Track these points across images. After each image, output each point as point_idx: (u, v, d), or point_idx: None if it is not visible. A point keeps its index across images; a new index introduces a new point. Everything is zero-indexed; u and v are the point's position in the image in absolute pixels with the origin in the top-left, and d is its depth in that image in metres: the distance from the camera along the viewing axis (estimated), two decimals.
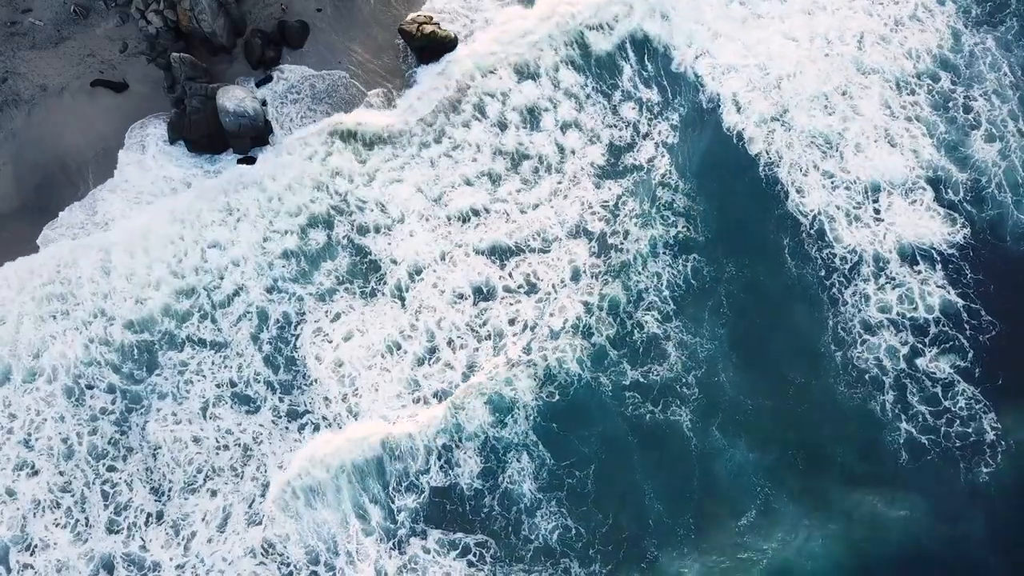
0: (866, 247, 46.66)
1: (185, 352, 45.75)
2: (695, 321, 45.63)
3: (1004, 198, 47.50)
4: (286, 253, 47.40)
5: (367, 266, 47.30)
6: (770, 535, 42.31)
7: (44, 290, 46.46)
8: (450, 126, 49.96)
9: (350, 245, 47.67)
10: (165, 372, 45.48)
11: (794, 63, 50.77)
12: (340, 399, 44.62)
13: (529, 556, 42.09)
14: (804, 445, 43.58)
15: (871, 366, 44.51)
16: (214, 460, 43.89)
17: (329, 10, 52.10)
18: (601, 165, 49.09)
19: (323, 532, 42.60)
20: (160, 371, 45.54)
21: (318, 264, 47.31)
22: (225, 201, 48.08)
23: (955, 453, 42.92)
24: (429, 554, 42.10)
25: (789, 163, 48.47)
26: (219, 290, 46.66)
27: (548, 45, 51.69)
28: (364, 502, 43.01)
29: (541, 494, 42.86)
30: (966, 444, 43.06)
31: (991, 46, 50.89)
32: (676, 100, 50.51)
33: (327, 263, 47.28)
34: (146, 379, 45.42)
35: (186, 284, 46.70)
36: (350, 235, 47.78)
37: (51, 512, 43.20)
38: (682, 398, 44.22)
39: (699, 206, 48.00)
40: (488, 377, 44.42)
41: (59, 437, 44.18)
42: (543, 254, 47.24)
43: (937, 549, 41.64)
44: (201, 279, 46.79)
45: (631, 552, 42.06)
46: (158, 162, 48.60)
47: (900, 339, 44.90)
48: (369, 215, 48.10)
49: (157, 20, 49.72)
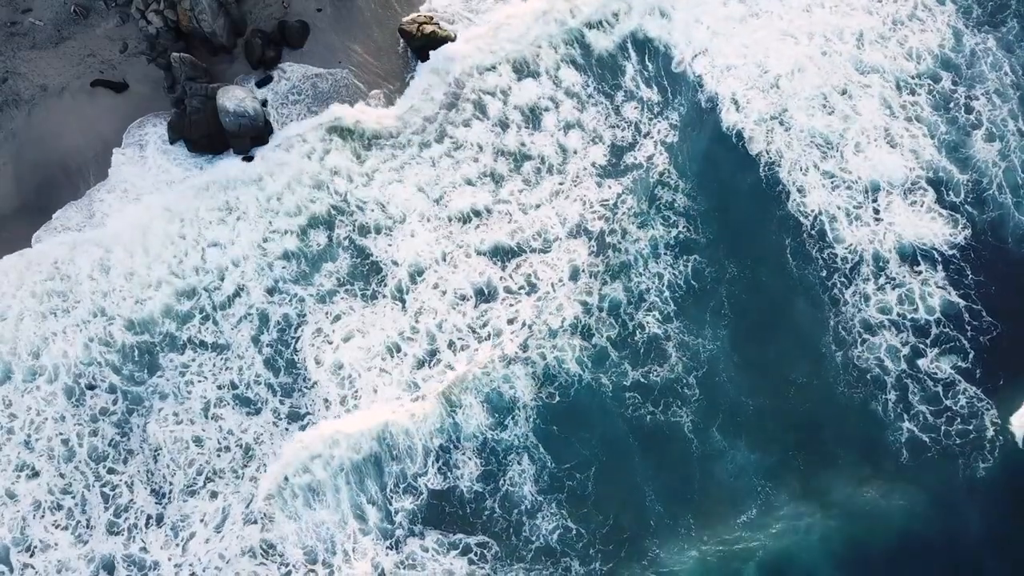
0: (866, 247, 46.54)
1: (186, 354, 45.75)
2: (696, 322, 45.63)
3: (1005, 199, 47.43)
4: (287, 254, 47.36)
5: (367, 267, 47.27)
6: (770, 533, 42.30)
7: (44, 286, 46.43)
8: (451, 125, 49.87)
9: (351, 246, 47.63)
10: (166, 373, 45.50)
11: (793, 61, 50.64)
12: (339, 402, 44.64)
13: (530, 556, 42.14)
14: (805, 445, 43.57)
15: (872, 366, 44.46)
16: (215, 462, 43.98)
17: (329, 10, 52.01)
18: (602, 165, 49.01)
19: (321, 532, 42.66)
20: (161, 372, 45.56)
21: (318, 265, 47.29)
22: (224, 200, 48.04)
23: (955, 450, 42.94)
24: (428, 552, 42.13)
25: (789, 162, 48.31)
26: (219, 291, 46.64)
27: (548, 43, 51.54)
28: (362, 502, 43.05)
29: (542, 496, 42.90)
30: (966, 441, 43.07)
31: (992, 46, 50.75)
32: (676, 99, 50.41)
33: (327, 264, 47.26)
34: (147, 380, 45.46)
35: (186, 284, 46.68)
36: (350, 236, 47.74)
37: (52, 513, 43.28)
38: (683, 399, 44.27)
39: (699, 205, 47.89)
40: (482, 371, 44.37)
41: (59, 438, 44.25)
42: (543, 254, 47.18)
43: (935, 543, 41.82)
44: (201, 279, 46.78)
45: (631, 550, 42.16)
46: (157, 162, 48.54)
47: (901, 339, 44.86)
48: (369, 215, 48.06)
49: (157, 20, 49.66)
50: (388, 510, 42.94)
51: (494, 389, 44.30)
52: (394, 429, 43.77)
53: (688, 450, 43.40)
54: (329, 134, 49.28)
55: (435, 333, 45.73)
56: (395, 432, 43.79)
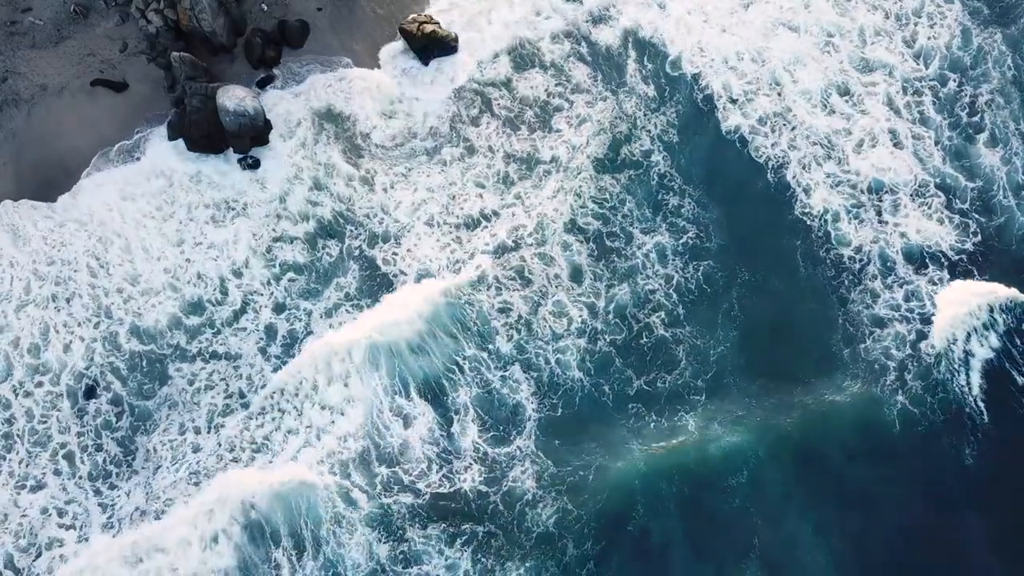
0: (872, 247, 46.63)
1: (192, 362, 44.83)
2: (703, 322, 45.66)
3: (1008, 201, 47.36)
4: (289, 265, 46.69)
5: (372, 277, 46.62)
6: (764, 516, 42.05)
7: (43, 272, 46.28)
8: (451, 126, 49.74)
9: (359, 256, 46.92)
10: (170, 382, 44.55)
11: (795, 57, 50.78)
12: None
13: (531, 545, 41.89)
14: (803, 437, 43.32)
15: (879, 359, 44.37)
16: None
17: (329, 9, 51.90)
18: (604, 163, 48.85)
19: (313, 525, 41.98)
20: (165, 381, 44.59)
21: (323, 276, 46.52)
22: (224, 201, 47.89)
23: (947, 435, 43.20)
24: (423, 541, 41.73)
25: (793, 162, 48.48)
26: (222, 299, 46.06)
27: (549, 39, 51.81)
28: (354, 495, 42.36)
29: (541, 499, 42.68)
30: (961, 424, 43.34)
31: (999, 43, 50.71)
32: (676, 97, 50.62)
33: (333, 274, 46.47)
34: (148, 389, 44.60)
35: (186, 288, 46.27)
36: (354, 244, 47.09)
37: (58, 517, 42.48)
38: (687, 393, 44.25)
39: (704, 205, 47.96)
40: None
41: (62, 448, 43.37)
42: (543, 254, 46.97)
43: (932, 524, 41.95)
44: (200, 284, 46.35)
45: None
46: (156, 161, 48.36)
47: (908, 329, 44.94)
48: (374, 221, 47.63)
49: (157, 19, 49.56)
50: (383, 504, 42.13)
51: (499, 397, 44.07)
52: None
53: (689, 444, 43.05)
54: (327, 135, 49.12)
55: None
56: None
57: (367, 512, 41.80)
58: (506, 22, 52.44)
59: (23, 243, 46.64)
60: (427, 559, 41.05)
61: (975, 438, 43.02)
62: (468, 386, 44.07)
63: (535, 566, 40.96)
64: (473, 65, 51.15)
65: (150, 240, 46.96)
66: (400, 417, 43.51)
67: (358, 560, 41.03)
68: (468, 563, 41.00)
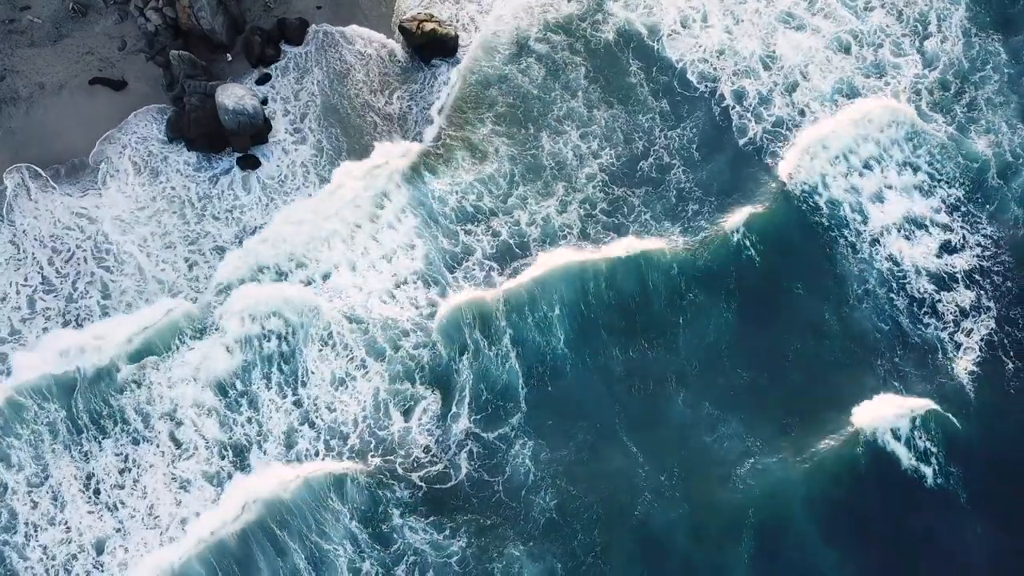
0: (874, 244, 46.88)
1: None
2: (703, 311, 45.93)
3: (1010, 205, 47.55)
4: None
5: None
6: (759, 490, 42.12)
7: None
8: (451, 125, 49.64)
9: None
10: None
11: (798, 56, 50.94)
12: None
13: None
14: (797, 411, 43.74)
15: (872, 332, 44.90)
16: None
17: (329, 8, 51.83)
18: (608, 168, 48.80)
19: (308, 520, 41.92)
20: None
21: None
22: (223, 202, 47.84)
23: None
24: (417, 533, 41.72)
25: (795, 159, 48.52)
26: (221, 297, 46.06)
27: (551, 37, 51.85)
28: (348, 490, 42.32)
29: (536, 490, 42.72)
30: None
31: (999, 46, 51.21)
32: (677, 96, 50.51)
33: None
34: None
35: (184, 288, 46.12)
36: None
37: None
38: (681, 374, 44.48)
39: (707, 199, 48.20)
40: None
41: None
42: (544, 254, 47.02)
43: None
44: (199, 285, 46.08)
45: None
46: (155, 161, 48.28)
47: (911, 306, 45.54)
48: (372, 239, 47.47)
49: (156, 17, 49.50)
50: (378, 497, 42.13)
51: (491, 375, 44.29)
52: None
53: (681, 422, 43.48)
54: (328, 134, 49.15)
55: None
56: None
57: (361, 503, 42.09)
58: (504, 15, 52.39)
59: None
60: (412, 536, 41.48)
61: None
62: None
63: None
64: (473, 63, 50.97)
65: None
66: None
67: (350, 550, 41.29)
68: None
